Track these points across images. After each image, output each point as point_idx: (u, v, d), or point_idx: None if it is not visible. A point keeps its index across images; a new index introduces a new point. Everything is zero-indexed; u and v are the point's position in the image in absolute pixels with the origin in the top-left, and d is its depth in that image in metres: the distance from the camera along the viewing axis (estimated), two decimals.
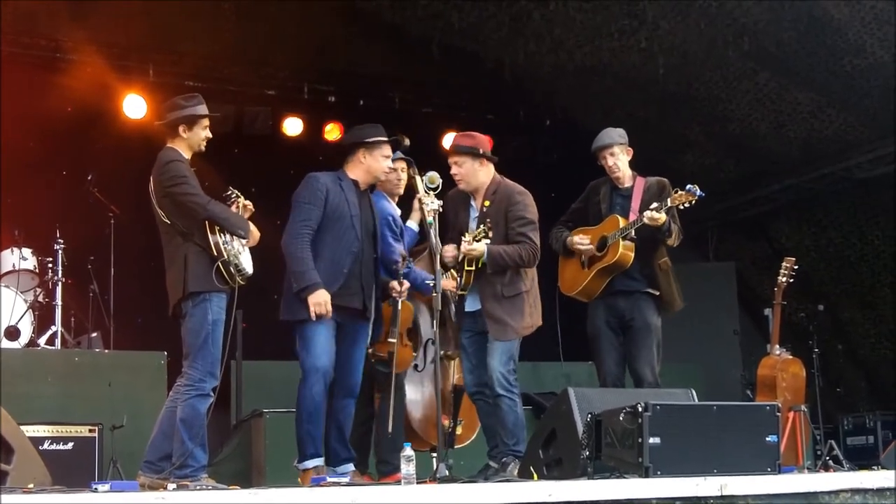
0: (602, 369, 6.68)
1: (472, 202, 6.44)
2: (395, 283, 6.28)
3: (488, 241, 6.12)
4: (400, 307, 6.28)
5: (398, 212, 6.66)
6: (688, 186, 6.37)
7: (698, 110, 10.87)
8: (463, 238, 6.18)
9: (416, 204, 6.66)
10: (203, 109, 5.79)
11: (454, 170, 6.39)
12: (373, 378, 6.39)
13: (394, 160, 6.43)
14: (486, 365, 6.22)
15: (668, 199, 6.40)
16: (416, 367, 6.78)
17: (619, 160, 6.72)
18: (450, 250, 6.27)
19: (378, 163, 6.19)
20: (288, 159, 10.87)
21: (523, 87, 11.33)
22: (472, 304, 6.33)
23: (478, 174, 6.38)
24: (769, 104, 10.41)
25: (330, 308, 5.81)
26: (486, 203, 6.35)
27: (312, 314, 5.80)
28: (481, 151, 6.40)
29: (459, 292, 6.29)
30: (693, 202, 6.40)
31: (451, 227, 6.45)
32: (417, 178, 6.56)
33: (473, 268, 6.20)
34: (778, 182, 11.37)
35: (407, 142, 6.53)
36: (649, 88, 10.65)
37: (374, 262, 6.18)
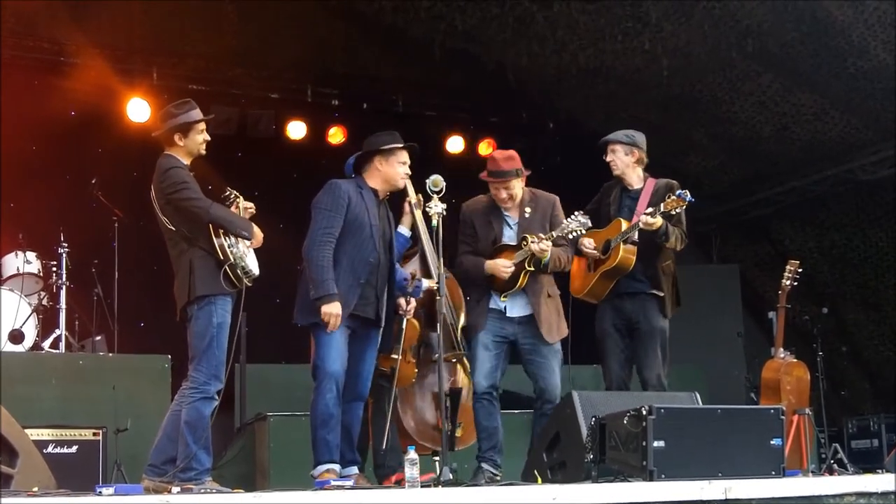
0: (607, 372, 6.69)
1: (506, 212, 6.48)
2: (401, 301, 6.29)
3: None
4: (405, 325, 6.28)
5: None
6: (678, 192, 6.41)
7: (702, 112, 10.87)
8: (533, 238, 6.21)
9: (406, 207, 6.66)
10: (196, 115, 5.74)
11: (504, 194, 6.41)
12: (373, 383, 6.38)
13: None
14: (501, 371, 6.34)
15: (661, 205, 6.42)
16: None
17: (618, 158, 6.72)
18: (503, 264, 6.28)
19: (394, 169, 6.17)
20: (291, 162, 10.90)
21: (526, 89, 11.34)
22: (515, 310, 6.36)
23: (520, 190, 6.49)
24: (772, 106, 10.41)
25: (339, 322, 5.82)
26: (527, 210, 6.44)
27: (325, 323, 5.81)
28: (522, 170, 6.50)
29: (503, 297, 6.34)
30: (683, 207, 6.43)
31: (482, 238, 6.45)
32: (408, 181, 6.55)
33: (533, 268, 6.28)
34: (781, 184, 11.38)
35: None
36: (652, 91, 10.65)
37: (388, 271, 6.17)
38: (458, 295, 6.77)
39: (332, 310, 5.80)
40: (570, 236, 6.33)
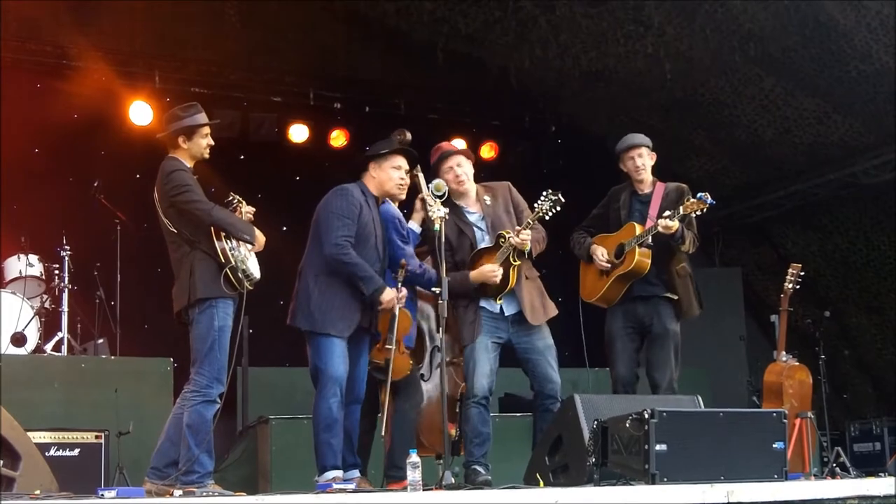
0: (614, 374, 6.70)
1: (466, 207, 6.44)
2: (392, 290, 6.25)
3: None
4: (398, 315, 6.20)
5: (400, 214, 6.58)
6: (699, 195, 6.39)
7: (704, 116, 10.87)
8: (509, 233, 6.17)
9: (418, 204, 6.58)
10: (202, 118, 5.75)
11: (457, 171, 6.39)
12: (375, 387, 6.37)
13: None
14: (495, 373, 6.26)
15: (681, 208, 6.41)
16: (422, 376, 6.74)
17: (647, 162, 6.78)
18: (490, 269, 6.20)
19: (387, 174, 6.16)
20: (293, 166, 10.91)
21: (529, 92, 11.34)
22: (510, 307, 6.30)
23: (470, 168, 6.47)
24: (775, 110, 10.41)
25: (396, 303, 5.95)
26: (487, 198, 6.42)
27: (388, 307, 5.95)
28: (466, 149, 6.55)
29: (498, 301, 6.27)
30: (705, 210, 6.41)
31: (457, 249, 6.37)
32: (420, 176, 6.51)
33: (519, 261, 6.22)
34: (783, 188, 11.37)
35: (408, 136, 6.51)
36: (655, 94, 10.66)
37: (383, 277, 6.18)
38: None
39: (391, 295, 5.94)
40: (548, 217, 6.21)
